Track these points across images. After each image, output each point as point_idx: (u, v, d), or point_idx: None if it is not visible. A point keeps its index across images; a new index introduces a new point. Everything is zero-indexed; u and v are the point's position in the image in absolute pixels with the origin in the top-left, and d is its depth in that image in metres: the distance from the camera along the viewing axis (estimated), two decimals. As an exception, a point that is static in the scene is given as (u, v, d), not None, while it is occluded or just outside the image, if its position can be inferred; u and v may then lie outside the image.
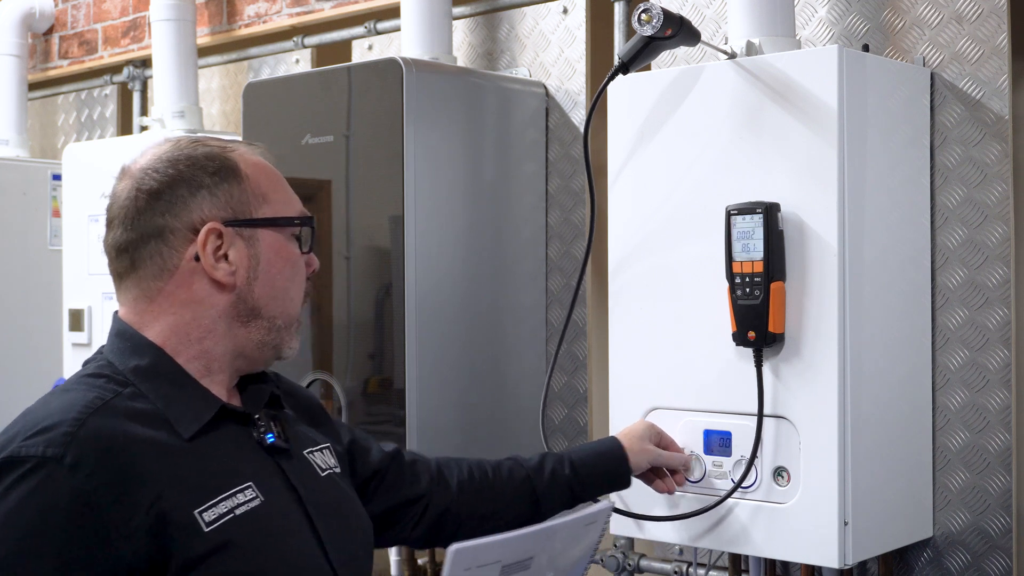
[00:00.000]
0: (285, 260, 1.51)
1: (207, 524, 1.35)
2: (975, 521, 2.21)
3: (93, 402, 1.37)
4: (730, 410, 2.09)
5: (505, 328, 2.70)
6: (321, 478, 1.56)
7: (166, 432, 1.39)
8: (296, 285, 1.53)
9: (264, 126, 2.71)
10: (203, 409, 1.44)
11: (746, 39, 2.14)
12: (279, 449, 1.50)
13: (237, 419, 1.49)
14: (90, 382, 1.43)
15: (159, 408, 1.41)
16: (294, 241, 1.53)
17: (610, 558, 2.64)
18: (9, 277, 3.60)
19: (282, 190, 1.53)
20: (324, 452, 1.63)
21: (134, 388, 1.42)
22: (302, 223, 1.53)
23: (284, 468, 1.49)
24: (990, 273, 2.20)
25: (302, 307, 1.56)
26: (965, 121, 2.22)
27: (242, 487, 1.41)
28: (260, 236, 1.49)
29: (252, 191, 1.49)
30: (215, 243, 1.46)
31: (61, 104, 4.18)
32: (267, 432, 1.50)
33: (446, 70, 2.63)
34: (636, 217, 2.22)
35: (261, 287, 1.49)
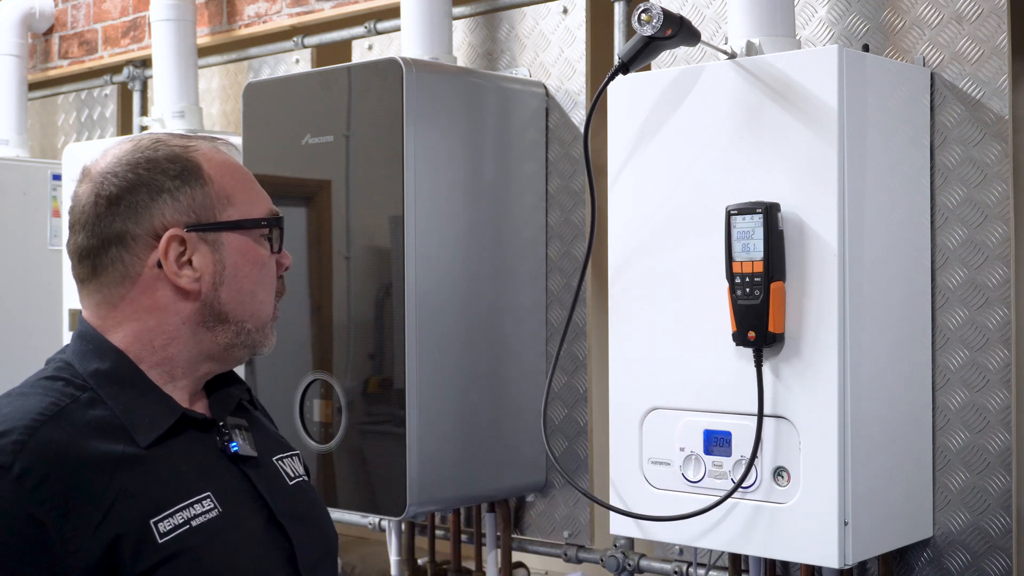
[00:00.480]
0: (252, 263, 1.46)
1: (161, 535, 1.32)
2: (975, 521, 2.21)
3: (48, 409, 1.34)
4: (730, 410, 2.09)
5: (505, 328, 2.70)
6: (290, 486, 1.53)
7: (123, 441, 1.36)
8: (265, 287, 1.48)
9: (264, 126, 2.71)
10: (163, 416, 1.40)
11: (746, 39, 2.14)
12: (245, 457, 1.46)
13: (201, 426, 1.45)
14: (47, 385, 1.39)
15: (116, 415, 1.37)
16: (263, 242, 1.48)
17: (610, 558, 2.64)
18: (9, 277, 3.60)
19: (248, 190, 1.48)
20: (294, 459, 1.59)
21: (92, 393, 1.39)
22: (270, 224, 1.48)
23: (251, 477, 1.46)
24: (990, 273, 2.20)
25: (275, 303, 1.52)
26: (965, 121, 2.22)
27: (200, 497, 1.37)
28: (225, 240, 1.44)
29: (216, 193, 1.44)
30: (178, 249, 1.42)
31: (61, 104, 4.18)
32: (231, 440, 1.45)
33: (446, 70, 2.63)
34: (636, 217, 2.22)
35: (227, 292, 1.44)
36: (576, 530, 2.78)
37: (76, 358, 1.43)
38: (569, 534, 2.78)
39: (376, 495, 2.57)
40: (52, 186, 3.69)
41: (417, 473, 2.46)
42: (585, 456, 2.76)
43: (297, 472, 1.57)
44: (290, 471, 1.55)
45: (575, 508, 2.78)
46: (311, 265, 2.64)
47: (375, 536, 3.36)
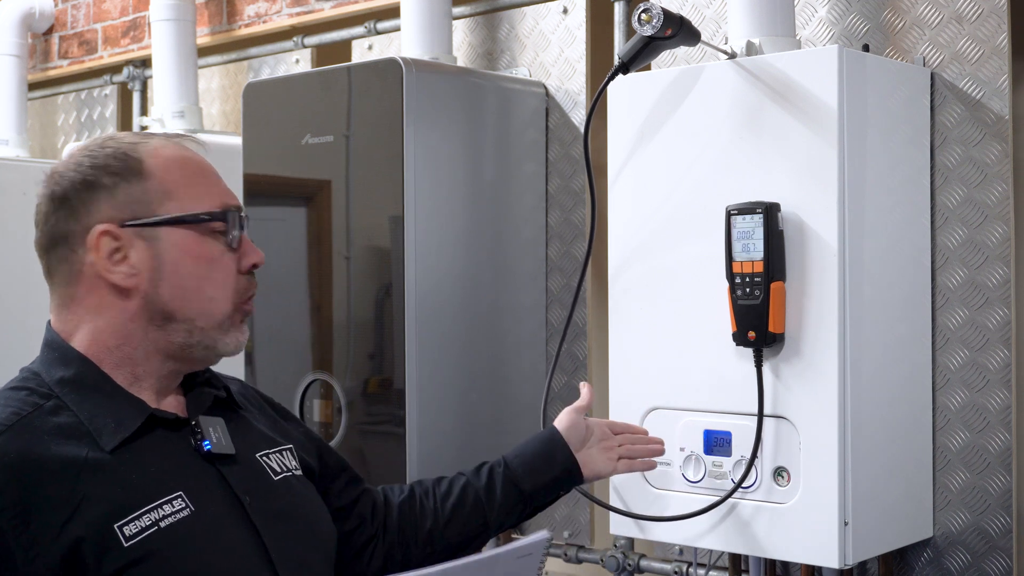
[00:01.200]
0: (196, 259, 1.43)
1: (127, 538, 1.31)
2: (975, 521, 2.21)
3: (8, 419, 1.34)
4: (730, 410, 2.09)
5: (505, 328, 2.70)
6: (274, 482, 1.51)
7: (88, 446, 1.35)
8: (215, 283, 1.44)
9: (264, 126, 2.71)
10: (129, 418, 1.39)
11: (746, 39, 2.14)
12: (220, 455, 1.45)
13: (172, 426, 1.44)
14: (10, 396, 1.39)
15: (81, 421, 1.37)
16: (213, 237, 1.44)
17: (610, 558, 2.64)
18: (9, 277, 3.59)
19: (195, 184, 1.45)
20: (283, 454, 1.57)
21: (57, 400, 1.38)
22: (214, 218, 1.44)
23: (226, 475, 1.44)
24: (990, 273, 2.20)
25: (243, 301, 1.48)
26: (965, 121, 2.22)
27: (170, 497, 1.36)
28: (163, 235, 1.42)
29: (155, 188, 1.43)
30: (111, 246, 1.41)
31: (61, 104, 4.18)
32: (204, 439, 1.44)
33: (446, 70, 2.63)
34: (636, 217, 2.22)
35: (168, 289, 1.42)
36: (576, 530, 2.78)
37: (43, 367, 1.44)
38: (569, 534, 2.78)
39: (376, 495, 2.57)
40: (52, 186, 3.69)
41: (417, 473, 2.46)
42: (585, 456, 2.76)
43: (286, 467, 1.55)
44: (276, 466, 1.53)
45: (575, 508, 2.78)
46: (311, 265, 2.64)
47: (375, 536, 3.35)
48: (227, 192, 1.49)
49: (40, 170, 4.07)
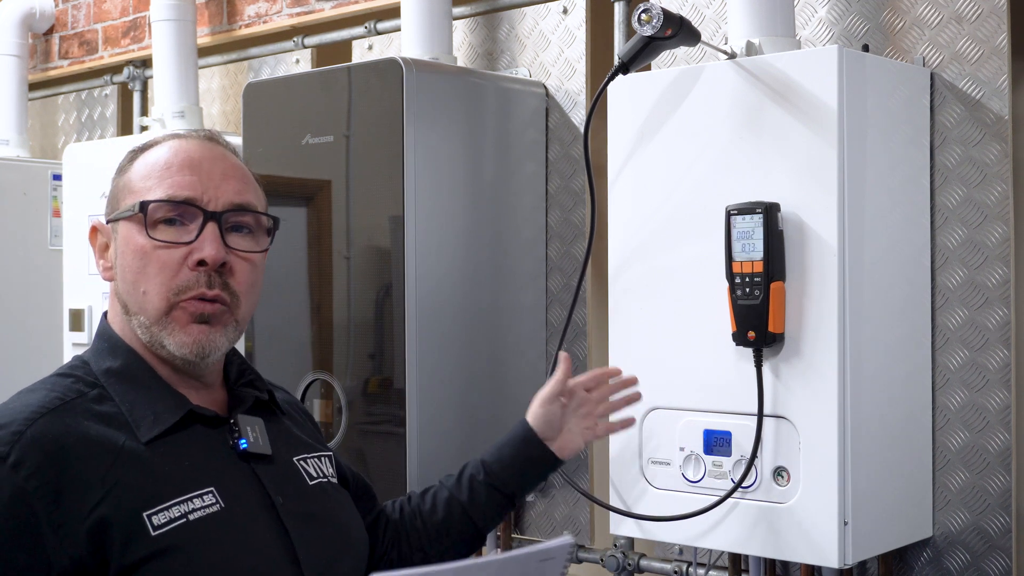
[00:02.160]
0: (132, 252, 1.44)
1: (155, 528, 1.32)
2: (975, 521, 2.21)
3: (51, 402, 1.37)
4: (730, 410, 2.09)
5: (505, 328, 2.70)
6: (309, 486, 1.52)
7: (126, 435, 1.37)
8: (148, 277, 1.43)
9: (264, 126, 2.71)
10: (168, 412, 1.41)
11: (746, 39, 2.14)
12: (256, 455, 1.46)
13: (211, 423, 1.46)
14: (57, 381, 1.42)
15: (122, 411, 1.40)
16: (143, 230, 1.43)
17: (610, 558, 2.64)
18: (9, 277, 3.59)
19: (151, 178, 1.45)
20: (322, 460, 1.59)
21: (102, 390, 1.41)
22: (135, 208, 1.43)
23: (260, 475, 1.45)
24: (990, 273, 2.20)
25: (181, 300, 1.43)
26: (965, 121, 2.22)
27: (201, 492, 1.38)
28: (120, 230, 1.47)
29: (124, 185, 1.48)
30: (100, 240, 1.50)
31: (61, 104, 4.18)
32: (240, 437, 1.45)
33: (446, 70, 2.63)
34: (636, 217, 2.22)
35: (122, 280, 1.46)
36: (576, 530, 2.78)
37: (92, 356, 1.47)
38: (569, 534, 2.78)
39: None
40: (52, 186, 3.69)
41: (417, 473, 2.46)
42: (585, 456, 2.76)
43: (322, 472, 1.56)
44: (313, 471, 1.55)
45: (575, 508, 2.78)
46: (311, 265, 2.64)
47: (375, 536, 3.36)
48: (185, 184, 1.44)
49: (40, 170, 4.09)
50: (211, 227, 1.44)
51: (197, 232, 1.43)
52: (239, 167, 1.52)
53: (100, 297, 3.15)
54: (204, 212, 1.44)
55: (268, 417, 1.55)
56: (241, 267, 1.47)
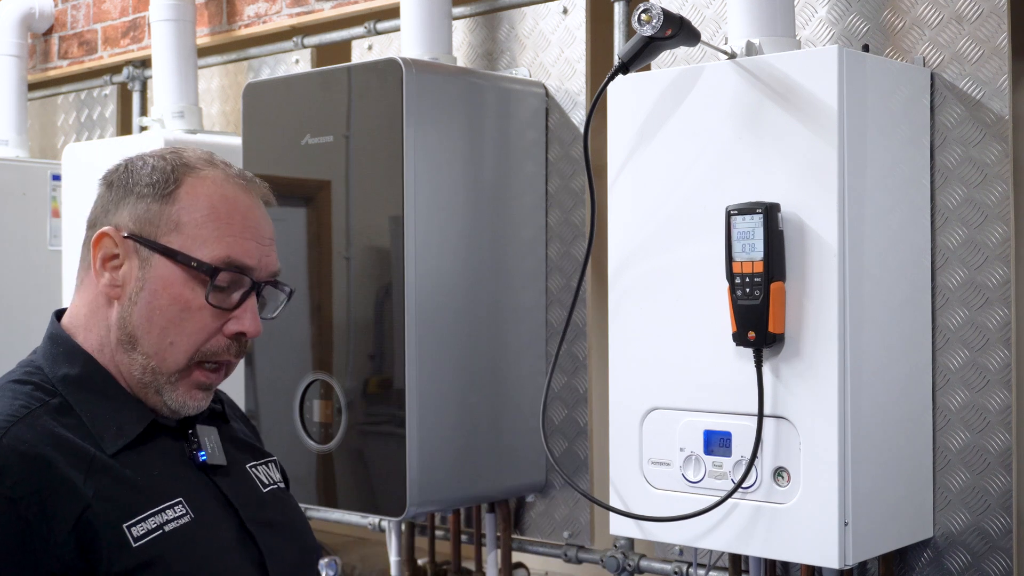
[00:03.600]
0: (172, 299, 1.39)
1: (135, 539, 1.32)
2: (975, 521, 2.21)
3: (17, 411, 1.34)
4: (730, 410, 2.09)
5: (505, 328, 2.70)
6: (263, 493, 1.52)
7: (92, 446, 1.35)
8: (183, 333, 1.40)
9: (264, 126, 2.71)
10: (131, 424, 1.39)
11: (746, 39, 2.14)
12: (214, 466, 1.46)
13: (173, 433, 1.45)
14: (16, 389, 1.38)
15: (84, 422, 1.37)
16: (197, 286, 1.40)
17: (610, 558, 2.64)
18: (9, 277, 3.59)
19: (209, 228, 1.40)
20: (269, 466, 1.58)
21: (62, 399, 1.38)
22: (200, 268, 1.39)
23: (220, 485, 1.45)
24: (990, 273, 2.19)
25: (201, 364, 1.42)
26: (965, 121, 2.22)
27: (171, 503, 1.37)
28: (156, 262, 1.39)
29: (171, 216, 1.40)
30: (110, 250, 1.41)
31: (61, 104, 4.18)
32: (199, 449, 1.44)
33: (446, 70, 2.63)
34: (636, 217, 2.22)
35: (139, 313, 1.39)
36: (576, 530, 2.78)
37: (46, 362, 1.42)
38: (569, 534, 2.78)
39: (376, 495, 2.57)
40: (52, 186, 3.69)
41: (417, 473, 2.46)
42: (585, 456, 2.76)
43: (272, 479, 1.56)
44: (264, 478, 1.54)
45: (575, 508, 2.78)
46: (311, 265, 2.64)
47: (375, 537, 3.36)
48: (246, 250, 1.42)
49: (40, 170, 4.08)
50: (252, 298, 1.43)
51: (239, 301, 1.42)
52: (270, 222, 1.48)
53: (100, 297, 3.15)
54: (252, 283, 1.43)
55: (219, 424, 1.53)
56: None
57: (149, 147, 1.53)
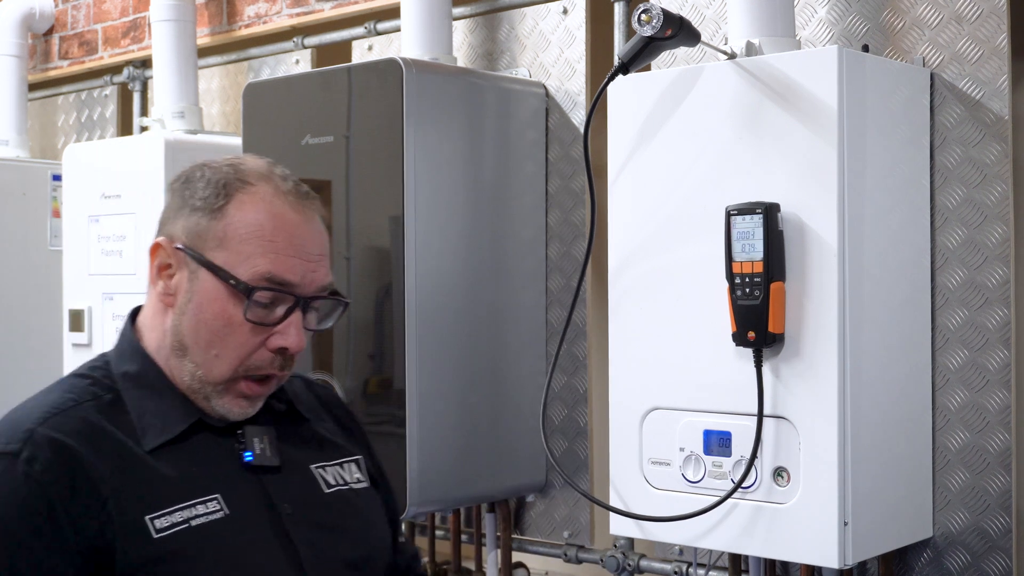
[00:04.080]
0: (216, 314, 1.42)
1: (157, 531, 1.35)
2: (975, 521, 2.21)
3: (63, 403, 1.40)
4: (730, 410, 2.09)
5: (505, 328, 2.70)
6: (324, 494, 1.52)
7: (133, 441, 1.40)
8: (226, 347, 1.42)
9: (264, 126, 2.71)
10: (175, 422, 1.43)
11: (746, 39, 2.14)
12: (263, 466, 1.47)
13: (220, 431, 1.46)
14: (73, 383, 1.45)
15: (133, 418, 1.42)
16: (238, 302, 1.41)
17: (610, 558, 2.64)
18: (9, 277, 3.59)
19: (253, 245, 1.41)
20: (347, 466, 1.58)
21: (116, 395, 1.43)
22: (237, 286, 1.41)
23: (267, 484, 1.46)
24: (990, 273, 2.20)
25: (246, 375, 1.44)
26: (965, 121, 2.22)
27: (205, 499, 1.39)
28: (202, 276, 1.42)
29: (219, 232, 1.42)
30: (165, 259, 1.45)
31: (61, 104, 4.18)
32: (246, 450, 1.46)
33: (446, 70, 2.63)
34: (636, 217, 2.22)
35: (188, 324, 1.43)
36: (576, 530, 2.78)
37: (114, 357, 1.49)
38: (569, 534, 2.78)
39: (376, 495, 2.57)
40: (52, 186, 3.69)
41: (417, 473, 2.46)
42: (585, 456, 2.76)
43: (344, 480, 1.56)
44: (332, 479, 1.55)
45: (575, 508, 2.78)
46: (311, 265, 2.64)
47: (375, 536, 3.35)
48: (289, 267, 1.42)
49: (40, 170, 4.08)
50: (297, 314, 1.44)
51: (283, 316, 1.43)
52: (326, 238, 1.49)
53: (100, 297, 3.15)
54: (296, 298, 1.43)
55: (287, 424, 1.55)
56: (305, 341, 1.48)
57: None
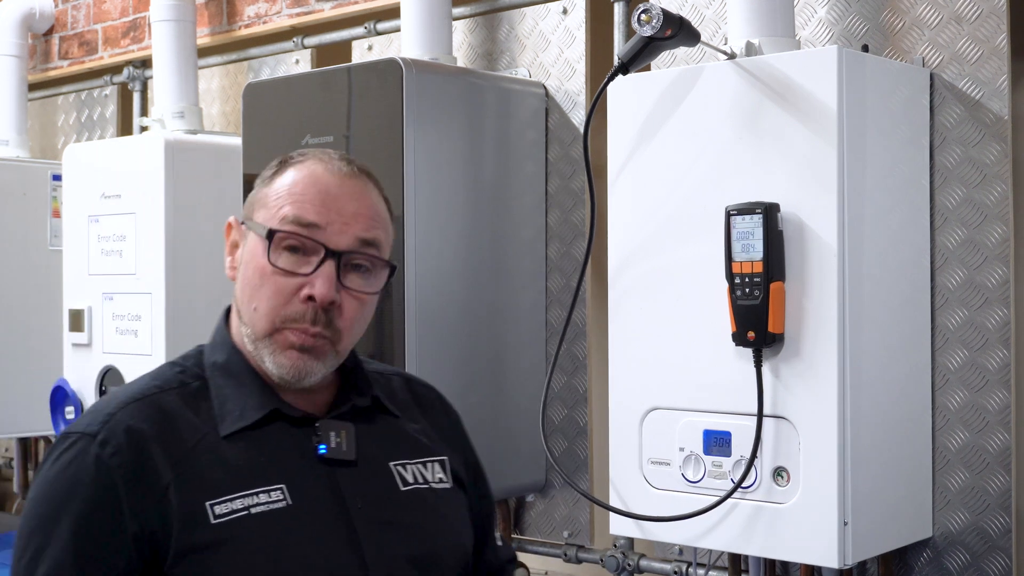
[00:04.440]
0: (254, 268, 1.48)
1: (216, 516, 1.39)
2: (974, 521, 2.21)
3: (147, 391, 1.47)
4: (730, 410, 2.09)
5: (505, 328, 2.70)
6: (399, 491, 1.53)
7: (210, 427, 1.45)
8: (261, 297, 1.47)
9: (264, 126, 2.71)
10: (252, 410, 1.47)
11: (746, 39, 2.15)
12: (338, 460, 1.49)
13: (298, 422, 1.50)
14: (162, 372, 1.52)
15: (214, 405, 1.48)
16: (266, 251, 1.47)
17: (610, 558, 2.64)
18: (9, 277, 3.59)
19: (284, 198, 1.48)
20: (430, 466, 1.59)
21: (203, 384, 1.50)
22: (264, 234, 1.46)
23: (339, 478, 1.48)
24: (990, 273, 2.20)
25: (284, 327, 1.46)
26: (965, 121, 2.22)
27: (269, 488, 1.43)
28: (249, 238, 1.50)
29: (262, 195, 1.50)
30: (234, 238, 1.53)
31: (61, 104, 4.18)
32: (321, 442, 1.48)
33: (446, 70, 2.63)
34: (636, 217, 2.22)
35: (239, 287, 1.51)
36: (576, 530, 2.78)
37: (208, 348, 1.55)
38: (569, 534, 2.78)
39: (376, 495, 2.57)
40: (52, 186, 3.69)
41: (417, 473, 2.46)
42: (585, 456, 2.76)
43: (424, 479, 1.57)
44: (411, 477, 1.56)
45: (575, 508, 2.78)
46: (311, 265, 2.64)
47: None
48: (319, 212, 1.46)
49: (40, 170, 4.07)
50: (328, 265, 1.46)
51: (315, 266, 1.45)
52: (374, 204, 1.52)
53: (100, 297, 3.15)
54: (325, 249, 1.46)
55: (370, 419, 1.56)
56: (350, 305, 1.49)
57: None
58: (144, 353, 3.02)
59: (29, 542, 1.40)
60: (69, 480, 1.40)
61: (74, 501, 1.39)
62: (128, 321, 3.07)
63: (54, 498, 1.41)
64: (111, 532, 1.38)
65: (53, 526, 1.39)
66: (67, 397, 3.21)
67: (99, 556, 1.38)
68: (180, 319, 2.99)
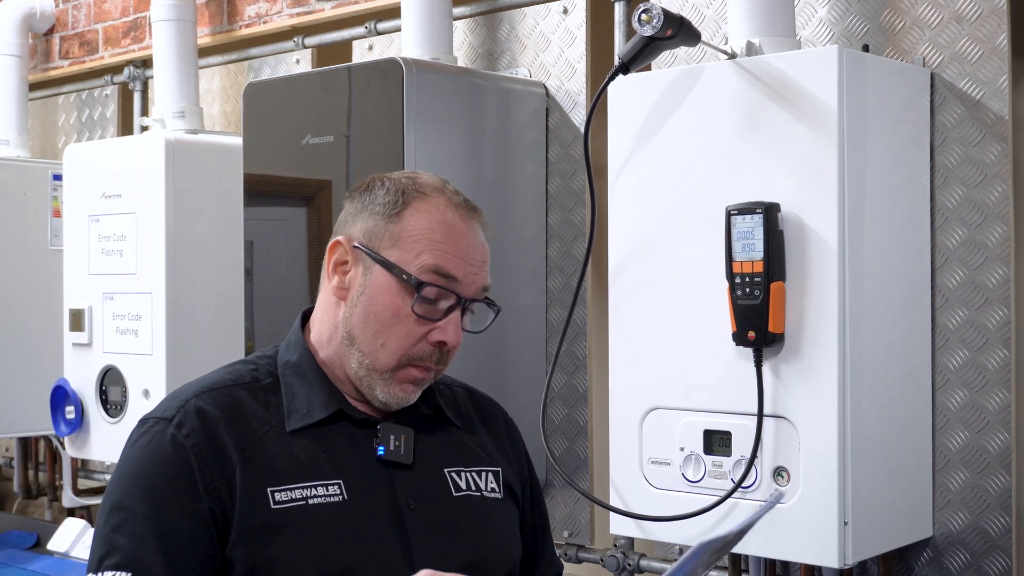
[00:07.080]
0: (386, 305, 1.55)
1: (276, 502, 1.48)
2: (975, 521, 2.21)
3: (221, 382, 1.57)
4: (730, 410, 2.09)
5: (505, 328, 2.70)
6: (452, 497, 1.61)
7: (279, 421, 1.55)
8: (392, 336, 1.55)
9: (264, 126, 2.71)
10: (318, 409, 1.56)
11: (746, 39, 2.15)
12: (396, 462, 1.57)
13: (361, 424, 1.58)
14: (236, 367, 1.62)
15: (284, 402, 1.57)
16: (407, 296, 1.54)
17: (610, 558, 2.64)
18: (9, 277, 3.59)
19: (423, 243, 1.55)
20: (484, 475, 1.66)
21: (275, 381, 1.59)
22: (408, 279, 1.54)
23: (395, 479, 1.56)
24: (990, 273, 2.20)
25: (409, 364, 1.56)
26: (965, 121, 2.22)
27: (327, 482, 1.52)
28: (375, 271, 1.56)
29: (395, 232, 1.56)
30: (341, 257, 1.59)
31: (62, 104, 4.18)
32: (380, 444, 1.57)
33: (446, 70, 2.63)
34: (636, 217, 2.22)
35: (359, 315, 1.56)
36: (576, 530, 2.78)
37: (283, 347, 1.65)
38: (569, 534, 2.78)
39: (376, 495, 2.57)
40: (52, 186, 3.69)
41: (417, 473, 2.45)
42: (585, 456, 2.76)
43: (477, 486, 1.64)
44: (464, 483, 1.63)
45: (575, 508, 2.78)
46: (311, 265, 2.64)
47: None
48: (458, 264, 1.55)
49: (40, 170, 4.07)
50: (457, 312, 1.57)
51: (445, 313, 1.56)
52: (487, 249, 1.62)
53: (100, 297, 3.15)
54: (458, 298, 1.56)
55: (433, 429, 1.65)
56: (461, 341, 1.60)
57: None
58: (144, 353, 3.02)
59: (110, 517, 1.49)
60: (147, 459, 1.50)
61: (153, 477, 1.49)
62: (128, 321, 3.07)
63: (134, 475, 1.50)
64: (188, 506, 1.47)
65: (133, 501, 1.48)
66: (67, 397, 3.21)
67: (178, 529, 1.46)
68: (180, 319, 2.99)
